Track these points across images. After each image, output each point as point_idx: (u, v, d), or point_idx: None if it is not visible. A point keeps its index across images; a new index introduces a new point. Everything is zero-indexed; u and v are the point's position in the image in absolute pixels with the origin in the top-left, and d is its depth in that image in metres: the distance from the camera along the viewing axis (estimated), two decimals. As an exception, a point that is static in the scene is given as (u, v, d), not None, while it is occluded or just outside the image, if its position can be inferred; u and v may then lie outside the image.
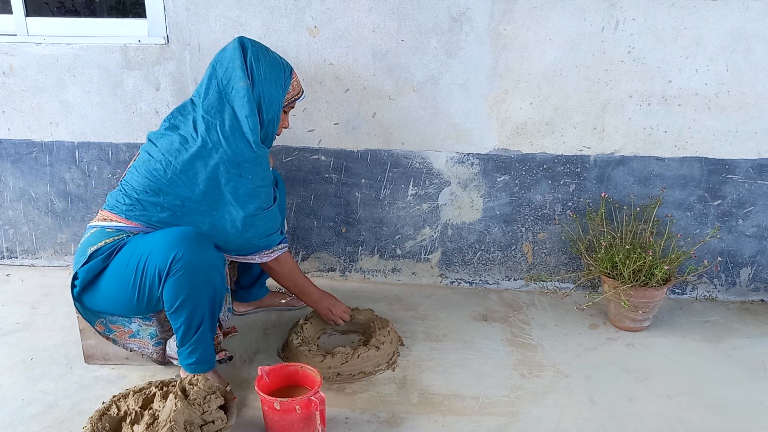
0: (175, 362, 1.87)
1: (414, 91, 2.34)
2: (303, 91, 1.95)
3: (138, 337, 1.86)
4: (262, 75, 1.80)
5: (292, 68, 1.90)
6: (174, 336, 1.80)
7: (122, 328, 1.84)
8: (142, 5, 2.35)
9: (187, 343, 1.74)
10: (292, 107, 1.96)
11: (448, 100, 2.34)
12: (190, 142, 1.75)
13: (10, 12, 2.40)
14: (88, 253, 1.72)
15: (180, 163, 1.73)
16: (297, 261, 2.61)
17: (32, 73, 2.43)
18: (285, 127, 1.98)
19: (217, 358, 1.96)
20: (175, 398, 1.54)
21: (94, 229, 1.78)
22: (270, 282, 2.31)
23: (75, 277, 1.75)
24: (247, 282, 2.26)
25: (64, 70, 2.42)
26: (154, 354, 1.89)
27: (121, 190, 1.81)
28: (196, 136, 1.75)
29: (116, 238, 1.73)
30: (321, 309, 2.11)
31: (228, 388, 1.79)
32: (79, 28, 2.43)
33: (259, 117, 1.81)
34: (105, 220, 1.79)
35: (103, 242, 1.72)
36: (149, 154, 1.79)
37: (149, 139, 1.83)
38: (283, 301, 2.35)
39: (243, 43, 1.81)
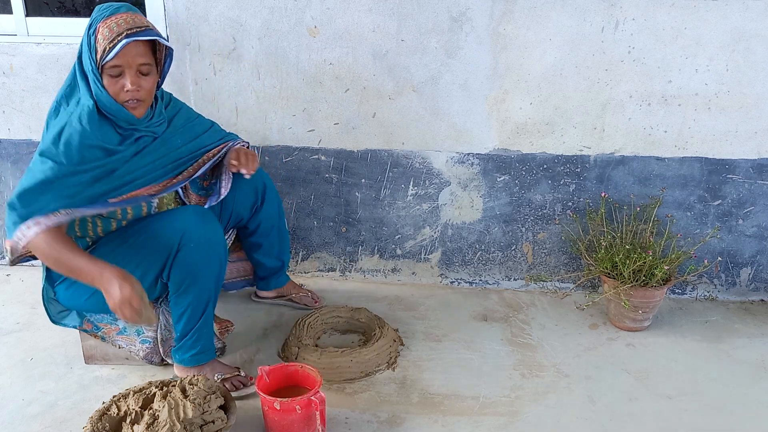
0: (169, 360, 1.88)
1: (414, 91, 2.34)
2: (118, 41, 1.51)
3: (125, 334, 1.87)
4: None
5: (100, 19, 1.54)
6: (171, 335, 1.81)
7: (109, 325, 1.86)
8: (142, 5, 2.34)
9: (191, 330, 1.75)
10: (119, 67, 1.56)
11: (448, 100, 2.34)
12: None
13: (10, 12, 2.40)
14: None
15: None
16: (297, 261, 2.61)
17: (32, 73, 2.43)
18: (128, 90, 1.57)
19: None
20: (175, 398, 1.55)
21: None
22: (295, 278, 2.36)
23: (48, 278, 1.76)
24: (264, 273, 2.26)
25: (64, 70, 2.41)
26: (141, 352, 1.90)
27: None
28: None
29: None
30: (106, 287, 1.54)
31: (243, 373, 1.83)
32: (79, 28, 2.43)
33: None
34: None
35: None
36: None
37: None
38: (302, 294, 2.35)
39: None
